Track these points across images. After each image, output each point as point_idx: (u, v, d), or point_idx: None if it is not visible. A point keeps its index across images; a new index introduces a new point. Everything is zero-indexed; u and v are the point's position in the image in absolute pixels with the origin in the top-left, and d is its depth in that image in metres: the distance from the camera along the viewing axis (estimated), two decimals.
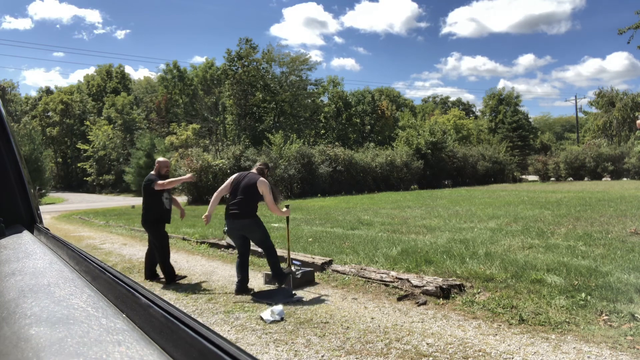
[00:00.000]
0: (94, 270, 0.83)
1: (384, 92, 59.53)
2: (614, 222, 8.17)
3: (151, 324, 0.55)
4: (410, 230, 8.31)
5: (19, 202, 1.57)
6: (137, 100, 54.52)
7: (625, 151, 29.28)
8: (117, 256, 7.72)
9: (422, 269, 5.09)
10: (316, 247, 6.97)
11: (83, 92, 57.27)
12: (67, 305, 0.61)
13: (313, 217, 11.83)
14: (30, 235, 1.34)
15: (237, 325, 3.89)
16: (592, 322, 3.41)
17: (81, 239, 10.35)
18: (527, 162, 37.23)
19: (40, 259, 0.96)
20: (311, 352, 3.19)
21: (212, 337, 0.46)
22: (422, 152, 28.43)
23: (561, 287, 4.13)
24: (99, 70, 58.10)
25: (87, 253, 0.98)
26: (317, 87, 46.64)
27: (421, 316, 3.87)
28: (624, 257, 5.18)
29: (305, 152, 23.60)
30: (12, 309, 0.61)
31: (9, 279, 0.78)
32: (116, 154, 46.48)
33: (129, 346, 0.46)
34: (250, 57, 41.80)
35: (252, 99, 41.56)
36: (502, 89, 56.28)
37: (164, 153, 35.74)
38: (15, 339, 0.50)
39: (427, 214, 10.86)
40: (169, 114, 47.87)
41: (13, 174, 1.54)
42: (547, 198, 14.52)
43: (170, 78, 46.09)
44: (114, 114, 48.40)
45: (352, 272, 5.19)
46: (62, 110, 54.60)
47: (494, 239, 6.88)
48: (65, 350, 0.45)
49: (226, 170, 20.63)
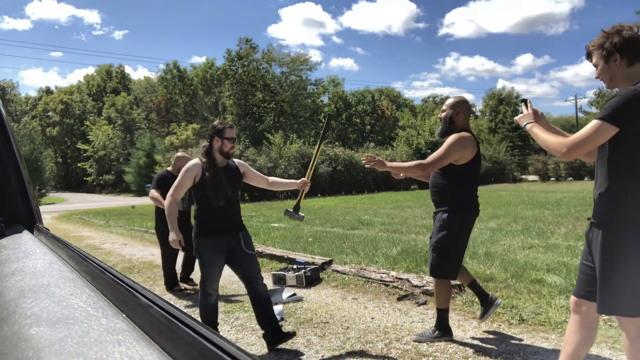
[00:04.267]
0: (94, 270, 0.83)
1: (384, 92, 59.51)
2: None
3: (151, 324, 0.54)
4: (410, 230, 8.31)
5: (19, 202, 1.57)
6: (137, 100, 54.52)
7: None
8: (117, 256, 7.72)
9: (422, 269, 5.08)
10: (316, 247, 6.97)
11: (83, 92, 57.27)
12: (67, 305, 0.61)
13: (313, 217, 11.83)
14: (30, 235, 1.34)
15: (237, 325, 3.89)
16: None
17: (81, 239, 10.35)
18: (527, 162, 37.23)
19: (40, 259, 0.96)
20: (311, 352, 3.19)
21: (212, 337, 0.46)
22: (422, 152, 28.44)
23: (561, 287, 4.13)
24: (99, 70, 58.12)
25: (87, 253, 0.98)
26: (317, 87, 46.63)
27: (421, 316, 3.87)
28: None
29: (305, 152, 23.61)
30: (12, 309, 0.61)
31: (9, 279, 0.78)
32: (116, 154, 46.49)
33: (129, 346, 0.46)
34: (250, 57, 41.79)
35: (252, 99, 41.56)
36: (502, 89, 56.32)
37: (164, 153, 35.75)
38: (15, 339, 0.50)
39: (427, 214, 10.85)
40: (169, 114, 47.88)
41: (13, 174, 1.54)
42: (547, 198, 14.52)
43: (170, 78, 46.10)
44: (114, 114, 48.40)
45: (352, 272, 5.19)
46: (62, 110, 54.61)
47: (494, 238, 6.87)
48: (65, 350, 0.45)
49: None
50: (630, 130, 1.90)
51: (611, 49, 2.00)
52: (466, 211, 3.16)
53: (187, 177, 3.18)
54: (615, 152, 1.97)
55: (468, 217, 3.17)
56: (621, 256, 1.95)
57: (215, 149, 3.22)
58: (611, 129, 1.90)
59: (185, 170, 3.22)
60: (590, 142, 1.97)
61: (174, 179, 5.08)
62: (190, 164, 3.23)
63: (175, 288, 5.18)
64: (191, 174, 3.18)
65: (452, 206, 3.14)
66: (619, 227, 1.97)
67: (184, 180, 3.19)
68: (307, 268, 5.23)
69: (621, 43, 1.98)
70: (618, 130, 1.90)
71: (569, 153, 2.01)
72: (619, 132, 1.90)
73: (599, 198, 2.08)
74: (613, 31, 2.02)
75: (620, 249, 1.96)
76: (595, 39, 2.08)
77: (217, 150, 3.22)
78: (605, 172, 2.02)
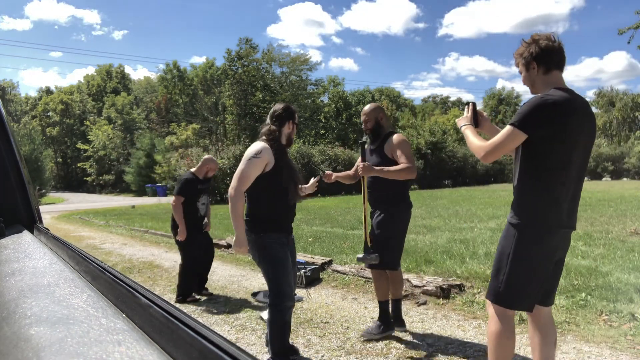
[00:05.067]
0: (94, 270, 0.83)
1: (384, 92, 59.51)
2: (614, 222, 8.17)
3: (151, 324, 0.55)
4: (410, 230, 8.30)
5: (19, 202, 1.57)
6: (137, 100, 54.53)
7: (625, 151, 29.31)
8: (117, 256, 7.72)
9: (422, 269, 5.09)
10: (316, 247, 6.97)
11: (83, 92, 57.26)
12: (67, 305, 0.61)
13: (313, 217, 11.83)
14: (30, 235, 1.34)
15: (237, 325, 3.89)
16: (592, 322, 3.41)
17: (81, 239, 10.35)
18: None
19: (40, 259, 0.96)
20: (311, 352, 3.19)
21: (212, 337, 0.46)
22: (422, 152, 28.44)
23: (561, 287, 4.13)
24: (99, 70, 58.11)
25: (87, 253, 0.98)
26: (317, 87, 46.62)
27: (421, 316, 3.87)
28: (624, 257, 5.18)
29: (305, 152, 23.60)
30: (12, 309, 0.61)
31: (9, 279, 0.78)
32: (116, 154, 46.49)
33: (129, 346, 0.46)
34: (250, 57, 41.78)
35: (252, 99, 41.53)
36: (501, 89, 56.38)
37: (164, 153, 35.77)
38: (15, 339, 0.50)
39: (427, 214, 10.85)
40: (169, 114, 47.86)
41: (13, 174, 1.54)
42: None
43: (170, 78, 46.05)
44: (114, 114, 48.41)
45: (352, 272, 5.19)
46: (62, 110, 54.61)
47: (494, 238, 6.87)
48: (65, 350, 0.45)
49: (226, 170, 20.56)
50: (537, 135, 2.05)
51: (529, 58, 2.18)
52: (407, 206, 3.39)
53: (257, 164, 2.62)
54: (525, 155, 2.13)
55: (408, 212, 3.40)
56: (508, 250, 2.13)
57: (284, 134, 2.76)
58: (520, 134, 2.06)
59: (254, 155, 2.62)
60: (503, 147, 2.13)
61: (201, 184, 4.78)
62: (260, 147, 2.65)
63: (189, 299, 4.71)
64: (264, 160, 2.64)
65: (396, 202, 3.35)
66: (517, 225, 2.13)
67: (253, 168, 2.62)
68: (307, 268, 5.23)
69: (537, 52, 2.15)
70: (527, 136, 2.05)
71: (487, 156, 2.17)
72: (528, 137, 2.06)
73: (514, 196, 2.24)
74: (531, 41, 2.19)
75: (511, 244, 2.14)
76: (519, 48, 2.25)
77: (285, 136, 2.77)
78: (517, 173, 2.17)
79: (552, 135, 2.03)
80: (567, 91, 2.09)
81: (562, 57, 2.18)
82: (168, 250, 7.98)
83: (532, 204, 2.12)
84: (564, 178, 2.07)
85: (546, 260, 2.12)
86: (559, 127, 2.02)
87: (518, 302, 2.17)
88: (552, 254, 2.13)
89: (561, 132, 2.03)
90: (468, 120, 2.42)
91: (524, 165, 2.14)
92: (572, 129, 2.04)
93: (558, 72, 2.17)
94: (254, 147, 2.69)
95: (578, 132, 2.07)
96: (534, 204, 2.11)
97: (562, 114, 2.02)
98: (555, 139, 2.03)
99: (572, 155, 2.07)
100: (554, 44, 2.15)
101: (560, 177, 2.07)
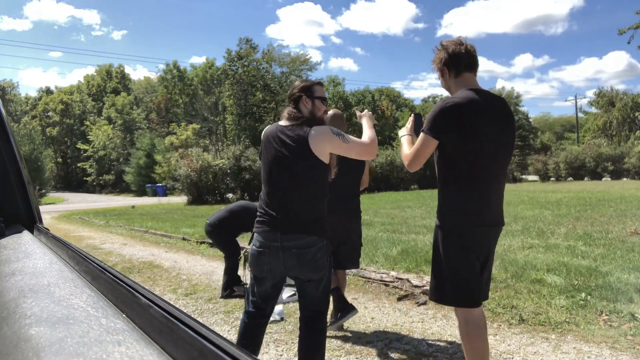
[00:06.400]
0: (94, 270, 0.83)
1: (384, 92, 59.51)
2: (614, 222, 8.17)
3: (151, 324, 0.55)
4: (410, 230, 8.31)
5: (19, 202, 1.57)
6: (137, 100, 54.51)
7: (625, 151, 29.26)
8: (117, 256, 7.72)
9: (422, 269, 5.08)
10: None
11: (83, 92, 57.23)
12: (67, 305, 0.61)
13: None
14: (30, 235, 1.34)
15: (237, 325, 3.89)
16: (592, 322, 3.41)
17: (81, 239, 10.35)
18: (527, 162, 37.21)
19: (40, 259, 0.96)
20: None
21: (212, 337, 0.46)
22: None
23: (561, 287, 4.13)
24: (99, 70, 58.08)
25: (87, 253, 0.98)
26: None
27: (421, 316, 3.87)
28: (624, 257, 5.18)
29: None
30: (12, 309, 0.61)
31: (9, 279, 0.78)
32: (116, 154, 46.46)
33: (129, 346, 0.46)
34: (250, 57, 41.79)
35: (252, 99, 41.53)
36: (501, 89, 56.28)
37: (164, 153, 35.76)
38: (15, 339, 0.50)
39: (427, 214, 10.85)
40: (169, 114, 47.87)
41: (13, 174, 1.54)
42: (547, 198, 14.52)
43: (170, 78, 46.06)
44: (114, 114, 48.38)
45: (352, 272, 5.19)
46: (62, 110, 54.57)
47: None
48: (65, 350, 0.45)
49: (226, 170, 20.57)
50: (445, 138, 2.10)
51: (440, 64, 2.26)
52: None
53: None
54: (439, 159, 2.21)
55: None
56: (437, 251, 2.23)
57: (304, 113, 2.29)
58: (432, 140, 2.13)
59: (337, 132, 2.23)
60: (421, 155, 2.19)
61: None
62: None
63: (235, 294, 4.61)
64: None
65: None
66: (439, 227, 2.22)
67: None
68: None
69: (446, 58, 2.22)
70: (438, 141, 2.11)
71: (410, 165, 2.24)
72: (440, 142, 2.12)
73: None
74: (442, 48, 2.26)
75: (438, 245, 2.22)
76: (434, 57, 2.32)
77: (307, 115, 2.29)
78: (437, 177, 2.24)
79: (458, 136, 2.08)
80: (476, 91, 2.14)
81: (471, 59, 2.22)
82: (168, 250, 7.98)
83: (450, 205, 2.19)
84: (477, 176, 2.12)
85: (471, 257, 2.17)
86: (463, 127, 2.07)
87: (461, 299, 2.23)
88: (476, 251, 2.18)
89: (466, 131, 2.07)
90: (408, 130, 2.47)
91: (439, 169, 2.21)
92: (478, 128, 2.08)
93: (469, 74, 2.23)
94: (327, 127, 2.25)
95: (486, 129, 2.10)
96: (452, 205, 2.18)
97: (464, 114, 2.07)
98: (461, 139, 2.09)
99: (482, 152, 2.10)
100: (461, 48, 2.20)
101: (472, 176, 2.12)
